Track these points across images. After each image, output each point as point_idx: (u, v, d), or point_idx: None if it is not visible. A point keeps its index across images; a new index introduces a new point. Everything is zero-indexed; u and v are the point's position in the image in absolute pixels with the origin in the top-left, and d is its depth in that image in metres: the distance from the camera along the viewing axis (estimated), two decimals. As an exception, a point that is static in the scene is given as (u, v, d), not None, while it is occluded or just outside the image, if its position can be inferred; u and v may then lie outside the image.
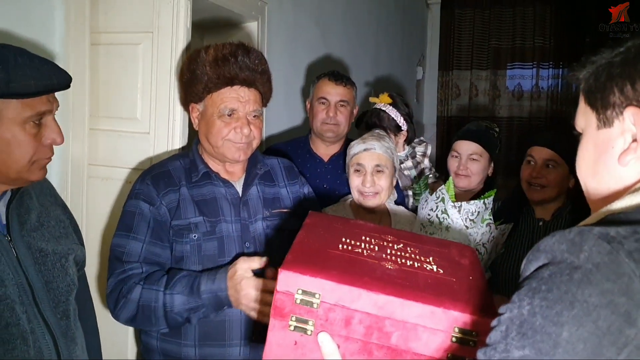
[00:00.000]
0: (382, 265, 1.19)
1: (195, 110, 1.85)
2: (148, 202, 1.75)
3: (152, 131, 2.15)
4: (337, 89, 2.61)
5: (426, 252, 1.32)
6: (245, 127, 1.77)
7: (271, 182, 1.94)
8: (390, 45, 5.38)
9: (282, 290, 1.10)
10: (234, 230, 1.79)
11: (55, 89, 1.38)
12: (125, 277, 1.70)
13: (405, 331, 1.08)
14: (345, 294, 1.08)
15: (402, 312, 1.08)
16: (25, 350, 1.38)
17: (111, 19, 2.20)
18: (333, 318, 1.09)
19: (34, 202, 1.53)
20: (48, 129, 1.40)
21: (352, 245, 1.28)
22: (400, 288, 1.11)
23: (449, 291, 1.15)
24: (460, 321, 1.07)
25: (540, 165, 2.20)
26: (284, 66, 3.37)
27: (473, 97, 6.59)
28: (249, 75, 1.77)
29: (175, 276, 1.66)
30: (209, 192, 1.82)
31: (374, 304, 1.08)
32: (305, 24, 3.70)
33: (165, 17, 2.11)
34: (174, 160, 1.87)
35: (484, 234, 2.03)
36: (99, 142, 2.24)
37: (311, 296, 1.09)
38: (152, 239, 1.74)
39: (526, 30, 6.37)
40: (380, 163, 2.11)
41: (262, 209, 1.87)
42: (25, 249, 1.43)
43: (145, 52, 2.15)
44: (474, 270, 1.30)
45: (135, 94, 2.18)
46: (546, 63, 6.36)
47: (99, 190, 2.22)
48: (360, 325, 1.09)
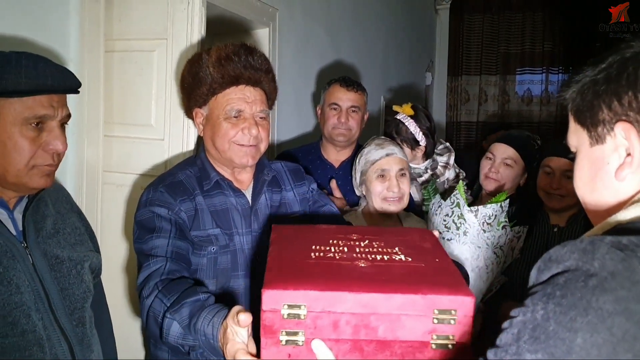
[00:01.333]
0: (356, 265, 1.24)
1: (199, 115, 1.78)
2: (165, 207, 1.66)
3: (167, 137, 2.16)
4: (348, 94, 2.61)
5: (391, 244, 1.36)
6: (253, 128, 1.70)
7: (277, 187, 1.88)
8: (399, 51, 5.38)
9: (269, 309, 1.13)
10: (245, 242, 1.74)
11: (50, 90, 1.35)
12: (150, 273, 1.58)
13: (390, 323, 1.13)
14: (330, 300, 1.12)
15: (385, 305, 1.13)
16: (41, 358, 1.37)
17: (125, 26, 2.21)
18: (321, 324, 1.13)
19: (50, 209, 1.53)
20: (50, 134, 1.37)
21: (323, 251, 1.31)
22: (379, 283, 1.15)
23: (423, 277, 1.20)
24: (438, 303, 1.13)
25: (558, 176, 2.18)
26: (294, 72, 3.38)
27: (482, 103, 6.58)
28: (254, 74, 1.71)
29: (184, 298, 1.48)
30: (221, 202, 1.75)
31: (358, 304, 1.12)
32: (315, 30, 3.71)
33: (179, 24, 2.12)
34: (182, 170, 1.78)
35: (501, 237, 2.01)
36: (113, 149, 2.24)
37: (297, 308, 1.12)
38: (178, 235, 1.64)
39: (535, 35, 6.37)
40: (403, 167, 2.10)
41: (270, 218, 1.81)
42: (41, 255, 1.43)
43: (159, 58, 2.16)
44: (436, 251, 1.35)
45: (149, 100, 2.19)
46: (556, 68, 6.35)
47: (114, 197, 2.23)
48: (347, 326, 1.13)
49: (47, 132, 1.37)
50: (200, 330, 1.39)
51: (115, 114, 2.24)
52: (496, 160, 2.48)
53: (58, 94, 1.39)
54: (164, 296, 1.51)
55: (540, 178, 2.24)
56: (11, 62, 1.33)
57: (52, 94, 1.37)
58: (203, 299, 1.46)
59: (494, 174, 2.47)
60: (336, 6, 4.01)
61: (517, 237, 2.08)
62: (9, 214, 1.42)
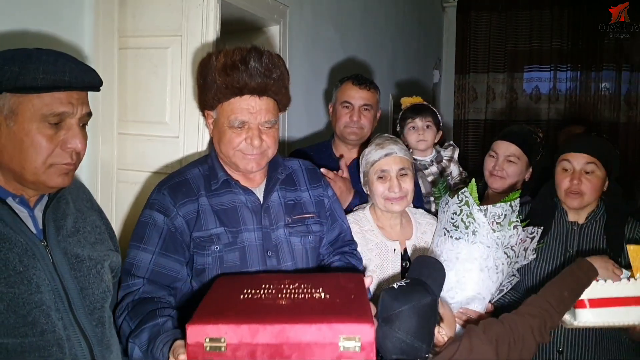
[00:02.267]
0: (276, 303, 1.38)
1: (209, 117, 1.78)
2: (163, 212, 1.70)
3: (182, 135, 2.14)
4: (360, 92, 2.59)
5: (317, 285, 1.49)
6: (255, 139, 1.69)
7: (292, 186, 1.88)
8: (407, 48, 5.37)
9: (192, 343, 1.27)
10: (255, 239, 1.74)
11: (67, 86, 1.33)
12: (126, 294, 1.66)
13: (300, 351, 1.27)
14: (246, 332, 1.27)
15: (294, 335, 1.27)
16: (61, 358, 1.36)
17: (140, 23, 2.19)
18: (240, 355, 1.27)
19: (71, 208, 1.52)
20: (68, 133, 1.36)
21: (252, 293, 1.44)
22: (290, 316, 1.30)
23: (332, 309, 1.34)
24: (343, 331, 1.27)
25: (579, 172, 2.14)
26: (304, 69, 3.37)
27: (490, 100, 6.56)
28: (259, 84, 1.66)
29: (145, 323, 1.56)
30: (229, 200, 1.76)
31: (270, 334, 1.27)
32: (325, 28, 3.71)
33: (194, 21, 2.10)
34: (193, 168, 1.80)
35: (512, 237, 1.98)
36: (127, 147, 2.23)
37: (218, 341, 1.27)
38: (162, 251, 1.68)
39: (543, 32, 6.35)
40: (404, 166, 2.08)
41: (283, 215, 1.81)
42: (61, 254, 1.42)
43: (174, 55, 2.14)
44: (357, 290, 1.49)
45: (164, 97, 2.17)
46: (564, 65, 6.33)
47: (128, 195, 2.21)
48: (263, 355, 1.27)
49: (65, 130, 1.36)
50: (155, 356, 1.48)
51: (130, 112, 2.22)
52: (499, 158, 2.49)
53: (77, 91, 1.37)
54: (130, 319, 1.58)
55: (559, 176, 2.20)
56: (31, 58, 1.32)
57: (70, 90, 1.35)
58: (161, 323, 1.54)
59: (499, 172, 2.48)
60: (345, 4, 4.01)
61: (530, 238, 2.05)
62: (30, 212, 1.42)
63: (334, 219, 1.96)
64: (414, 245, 2.14)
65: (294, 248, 1.80)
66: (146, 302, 1.62)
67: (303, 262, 1.81)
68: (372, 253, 2.06)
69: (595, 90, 6.27)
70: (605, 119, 6.21)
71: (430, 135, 2.72)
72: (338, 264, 1.91)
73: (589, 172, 2.11)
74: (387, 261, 2.07)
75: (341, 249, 1.97)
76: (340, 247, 1.97)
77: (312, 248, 1.85)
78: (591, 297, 1.80)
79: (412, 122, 2.72)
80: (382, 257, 2.08)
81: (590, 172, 2.11)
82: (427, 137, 2.71)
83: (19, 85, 1.28)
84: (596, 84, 6.28)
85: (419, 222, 2.20)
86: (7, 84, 1.28)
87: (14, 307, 1.29)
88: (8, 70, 1.28)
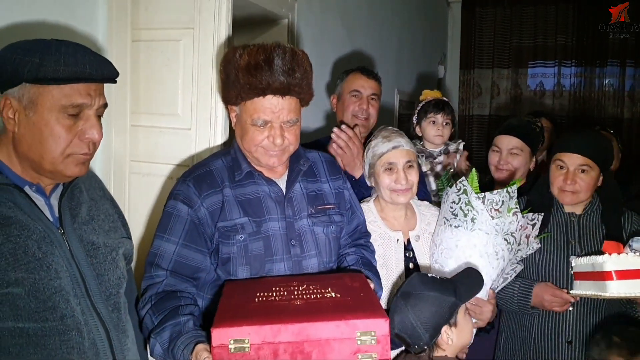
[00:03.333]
0: (292, 304, 1.46)
1: (232, 111, 1.81)
2: (187, 204, 1.72)
3: (194, 127, 2.15)
4: (369, 82, 2.64)
5: (325, 285, 1.58)
6: (278, 138, 1.71)
7: (313, 177, 1.91)
8: (412, 43, 5.38)
9: (217, 345, 1.35)
10: (279, 228, 1.77)
11: (87, 78, 1.35)
12: (149, 285, 1.69)
13: (320, 347, 1.36)
14: (268, 332, 1.35)
15: (314, 333, 1.36)
16: (80, 342, 1.39)
17: (152, 15, 2.20)
18: (263, 354, 1.35)
19: (85, 196, 1.54)
20: (86, 123, 1.38)
21: (266, 296, 1.52)
22: (309, 315, 1.39)
23: (347, 307, 1.43)
24: (360, 327, 1.37)
25: (573, 172, 2.17)
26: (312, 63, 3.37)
27: (495, 96, 6.58)
28: (282, 83, 1.66)
29: (167, 320, 1.60)
30: (253, 191, 1.79)
31: (291, 333, 1.35)
32: (332, 22, 3.72)
33: (206, 13, 2.11)
34: (216, 159, 1.83)
35: (511, 223, 2.01)
36: (140, 139, 2.24)
37: (242, 342, 1.34)
38: (186, 242, 1.71)
39: (548, 28, 6.35)
40: (410, 159, 2.11)
41: (306, 206, 1.84)
42: (78, 242, 1.44)
43: (186, 48, 2.15)
44: (363, 289, 1.58)
45: (176, 90, 2.17)
46: (568, 61, 6.34)
47: (141, 187, 2.23)
48: (285, 354, 1.35)
49: (83, 121, 1.38)
50: (176, 357, 1.53)
51: (142, 104, 2.23)
52: (503, 152, 2.59)
53: (96, 83, 1.40)
54: (153, 313, 1.63)
55: (554, 174, 2.22)
56: (51, 49, 1.33)
57: (89, 82, 1.37)
58: (183, 323, 1.58)
59: (504, 165, 2.57)
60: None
61: (531, 225, 2.08)
62: (46, 201, 1.44)
63: (353, 211, 2.00)
64: (418, 236, 2.17)
65: (318, 237, 1.83)
66: (169, 298, 1.65)
67: (326, 252, 1.85)
68: (375, 243, 2.09)
69: (599, 86, 6.28)
70: (609, 114, 6.22)
71: (447, 131, 2.81)
72: (353, 256, 1.94)
73: (584, 171, 2.15)
74: (390, 251, 2.10)
75: (357, 240, 2.01)
76: (357, 239, 2.01)
77: (334, 238, 1.88)
78: (617, 268, 1.84)
79: (434, 117, 2.78)
80: (385, 247, 2.11)
81: (584, 172, 2.15)
82: (444, 134, 2.80)
83: (40, 76, 1.30)
84: (600, 79, 6.29)
85: (423, 214, 2.23)
86: (28, 75, 1.30)
87: (34, 292, 1.32)
88: (29, 61, 1.30)
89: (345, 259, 1.93)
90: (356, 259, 1.93)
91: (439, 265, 2.10)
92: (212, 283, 1.77)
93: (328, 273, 1.85)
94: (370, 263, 1.97)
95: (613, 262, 1.84)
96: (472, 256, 2.01)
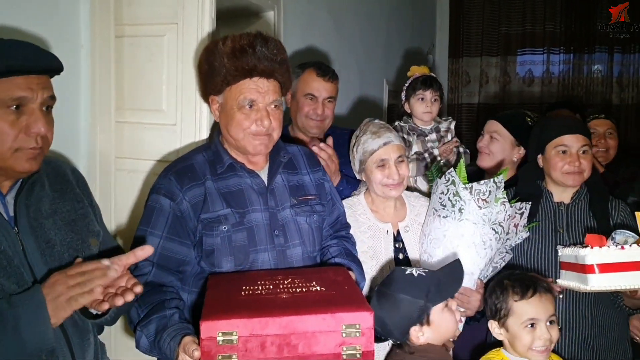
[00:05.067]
0: (279, 297, 1.50)
1: (215, 103, 1.82)
2: (169, 197, 1.74)
3: (179, 123, 2.14)
4: (325, 85, 2.54)
5: (310, 279, 1.62)
6: (265, 119, 1.75)
7: (294, 169, 1.94)
8: (401, 33, 5.37)
9: (206, 337, 1.37)
10: (263, 219, 1.79)
11: (21, 70, 1.34)
12: (136, 276, 1.66)
13: (307, 340, 1.40)
14: (256, 325, 1.38)
15: (301, 325, 1.40)
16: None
17: (135, 11, 2.18)
18: (251, 347, 1.38)
19: (46, 190, 1.50)
20: (31, 117, 1.36)
21: (252, 289, 1.55)
22: (296, 308, 1.43)
23: (332, 301, 1.48)
24: (345, 319, 1.41)
25: (576, 153, 2.19)
26: (300, 55, 3.37)
27: (483, 84, 6.59)
28: (267, 66, 1.74)
29: (153, 313, 1.62)
30: (235, 183, 1.81)
31: (279, 326, 1.39)
32: (319, 13, 3.71)
33: (190, 8, 2.10)
34: (197, 154, 1.85)
35: (499, 213, 2.03)
36: (125, 135, 2.23)
37: (230, 335, 1.37)
38: (170, 235, 1.73)
39: (536, 15, 6.36)
40: (401, 153, 2.13)
41: (288, 197, 1.87)
42: (32, 240, 1.41)
43: (170, 43, 2.14)
44: (347, 282, 1.64)
45: (160, 85, 2.17)
46: (557, 48, 6.36)
47: (127, 183, 2.22)
48: (273, 346, 1.39)
49: (27, 115, 1.36)
50: (162, 349, 1.56)
51: (127, 100, 2.23)
52: (485, 136, 2.65)
53: (37, 76, 1.37)
54: (139, 306, 1.65)
55: (555, 159, 2.24)
56: None
57: (27, 74, 1.35)
58: (169, 316, 1.60)
59: (484, 148, 2.64)
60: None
61: (519, 214, 2.10)
62: (1, 199, 1.41)
63: (333, 202, 2.03)
64: (407, 227, 2.18)
65: (301, 227, 1.86)
66: (155, 292, 1.67)
67: (310, 241, 1.88)
68: (364, 235, 2.11)
69: (588, 73, 6.31)
70: (598, 101, 6.25)
71: (436, 108, 2.78)
72: (335, 248, 1.98)
73: (585, 152, 2.18)
74: (379, 243, 2.12)
75: (338, 232, 2.05)
76: (338, 231, 2.05)
77: (317, 228, 1.92)
78: (600, 262, 1.85)
79: (422, 94, 2.74)
80: (375, 239, 2.12)
81: (585, 152, 2.18)
82: (433, 110, 2.76)
83: None
84: (589, 66, 6.32)
85: (412, 205, 2.24)
86: None
87: None
88: None
89: (328, 250, 1.97)
90: (339, 251, 1.96)
91: (427, 255, 2.11)
92: (196, 276, 1.79)
93: (312, 264, 1.89)
94: (352, 254, 2.01)
95: (595, 256, 1.85)
96: (460, 246, 2.03)
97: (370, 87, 4.45)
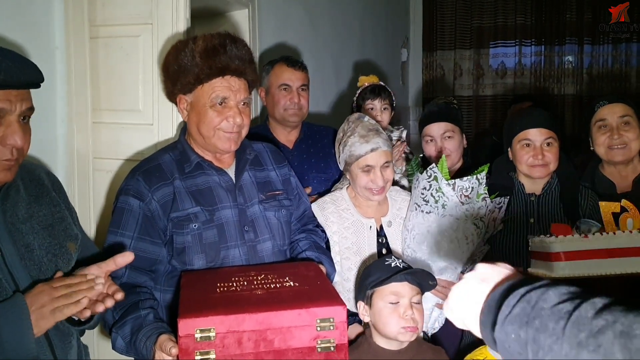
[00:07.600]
0: (254, 293, 1.54)
1: (183, 102, 1.84)
2: (138, 197, 1.76)
3: (155, 122, 2.16)
4: (297, 74, 2.62)
5: (283, 275, 1.67)
6: (237, 116, 1.78)
7: (260, 166, 1.98)
8: (375, 28, 5.39)
9: (184, 335, 1.39)
10: (232, 215, 1.83)
11: (2, 85, 1.31)
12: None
13: (282, 334, 1.44)
14: (233, 322, 1.41)
15: (277, 321, 1.44)
16: None
17: (109, 11, 2.19)
18: (228, 343, 1.41)
19: (22, 195, 1.49)
20: (8, 129, 1.34)
21: (227, 286, 1.58)
22: (271, 304, 1.46)
23: (306, 296, 1.52)
24: (319, 314, 1.46)
25: (539, 147, 2.24)
26: (274, 53, 3.38)
27: (457, 77, 6.65)
28: (239, 65, 1.79)
29: (128, 314, 1.64)
30: (203, 181, 1.84)
31: (255, 322, 1.42)
32: (294, 10, 3.71)
33: (164, 8, 2.11)
34: (164, 154, 1.87)
35: (480, 209, 2.08)
36: (102, 135, 2.24)
37: (208, 332, 1.40)
38: (141, 235, 1.75)
39: (508, 8, 6.44)
40: (388, 159, 2.13)
41: (257, 193, 1.91)
42: (11, 245, 1.40)
43: (145, 43, 2.15)
44: (319, 277, 1.69)
45: (136, 85, 2.18)
46: (528, 40, 6.45)
47: (105, 183, 2.23)
48: (249, 342, 1.42)
49: (4, 127, 1.34)
50: (138, 349, 1.58)
51: (103, 101, 2.23)
52: (437, 140, 2.63)
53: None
54: (114, 308, 1.62)
55: (520, 153, 2.28)
56: None
57: (5, 89, 1.32)
58: (143, 316, 1.63)
59: (445, 151, 2.58)
60: (313, -16, 4.01)
61: (498, 208, 2.15)
62: None
63: (299, 197, 2.08)
64: (390, 222, 2.21)
65: (270, 222, 1.90)
66: (129, 293, 1.66)
67: (279, 235, 1.92)
68: (348, 231, 2.13)
69: (559, 64, 6.40)
70: (569, 92, 6.36)
71: (386, 116, 2.79)
72: (305, 241, 2.03)
73: (549, 144, 2.23)
74: (363, 238, 2.15)
75: (306, 226, 2.10)
76: (305, 224, 2.10)
77: (286, 222, 1.96)
78: (566, 250, 1.91)
79: (371, 103, 2.76)
80: (359, 234, 2.15)
81: (549, 145, 2.23)
82: (383, 119, 2.78)
83: None
84: (560, 57, 6.40)
85: (394, 199, 2.27)
86: None
87: None
88: None
89: (298, 244, 2.02)
90: (309, 244, 2.01)
91: (411, 251, 2.14)
92: (168, 275, 1.81)
93: (282, 258, 1.94)
94: (321, 246, 2.06)
95: (559, 244, 1.91)
96: (442, 241, 2.06)
97: (345, 84, 4.47)
